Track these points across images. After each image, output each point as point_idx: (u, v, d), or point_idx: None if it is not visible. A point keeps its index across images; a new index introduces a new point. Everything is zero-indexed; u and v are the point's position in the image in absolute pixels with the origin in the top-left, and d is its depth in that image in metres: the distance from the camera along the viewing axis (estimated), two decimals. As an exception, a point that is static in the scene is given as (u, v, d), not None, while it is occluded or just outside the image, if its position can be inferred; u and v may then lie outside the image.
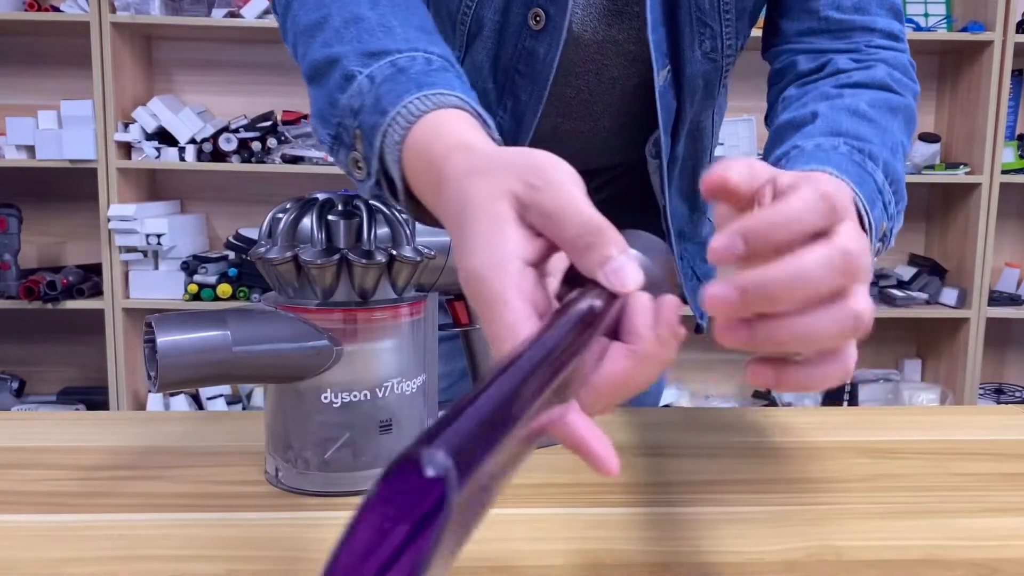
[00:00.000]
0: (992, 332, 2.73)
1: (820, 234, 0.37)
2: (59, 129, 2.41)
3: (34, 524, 0.52)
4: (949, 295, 2.60)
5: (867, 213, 0.52)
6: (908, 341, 2.91)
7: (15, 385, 2.63)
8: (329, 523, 0.53)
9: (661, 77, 0.73)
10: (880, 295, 2.63)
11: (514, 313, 0.35)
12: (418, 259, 0.56)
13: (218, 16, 2.40)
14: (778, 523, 0.53)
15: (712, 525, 0.53)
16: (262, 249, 0.56)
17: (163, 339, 0.51)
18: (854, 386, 2.71)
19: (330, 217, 0.56)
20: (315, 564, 0.47)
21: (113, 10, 2.37)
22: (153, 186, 2.69)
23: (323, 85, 0.53)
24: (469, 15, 0.72)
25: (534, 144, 0.78)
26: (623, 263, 0.35)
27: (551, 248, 0.37)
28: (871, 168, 0.56)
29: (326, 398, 0.56)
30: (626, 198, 0.86)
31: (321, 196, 0.58)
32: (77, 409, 2.55)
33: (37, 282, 2.37)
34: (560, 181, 0.37)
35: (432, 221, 0.48)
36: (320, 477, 0.57)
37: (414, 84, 0.48)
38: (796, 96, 0.68)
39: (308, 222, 0.56)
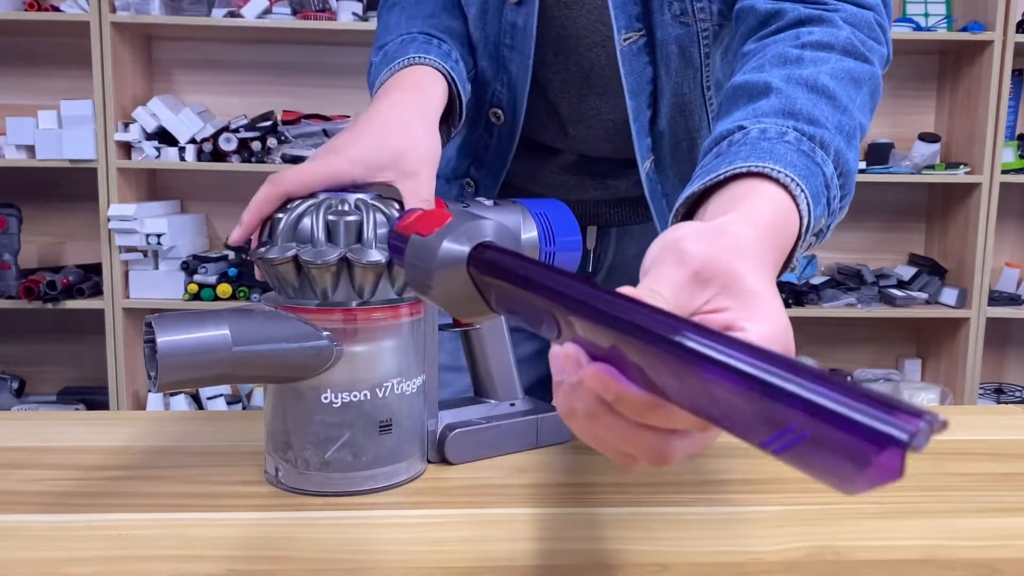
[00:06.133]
0: (992, 332, 2.73)
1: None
2: (59, 129, 2.41)
3: (34, 524, 0.52)
4: (949, 295, 2.60)
5: (809, 213, 0.47)
6: (908, 341, 2.91)
7: (15, 385, 2.63)
8: (329, 523, 0.53)
9: (626, 40, 0.73)
10: (880, 295, 2.63)
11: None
12: (418, 259, 0.56)
13: (218, 16, 2.40)
14: (778, 523, 0.53)
15: (712, 525, 0.53)
16: (262, 249, 0.56)
17: (163, 339, 0.51)
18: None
19: (330, 217, 0.56)
20: (315, 564, 0.48)
21: (113, 10, 2.37)
22: (153, 186, 2.69)
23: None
24: None
25: (557, 126, 0.83)
26: None
27: None
28: (821, 158, 0.51)
29: (326, 398, 0.56)
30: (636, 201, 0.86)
31: (321, 196, 0.58)
32: (77, 409, 2.55)
33: (37, 282, 2.37)
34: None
35: None
36: (320, 477, 0.57)
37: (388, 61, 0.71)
38: (754, 52, 0.62)
39: (308, 222, 0.56)
